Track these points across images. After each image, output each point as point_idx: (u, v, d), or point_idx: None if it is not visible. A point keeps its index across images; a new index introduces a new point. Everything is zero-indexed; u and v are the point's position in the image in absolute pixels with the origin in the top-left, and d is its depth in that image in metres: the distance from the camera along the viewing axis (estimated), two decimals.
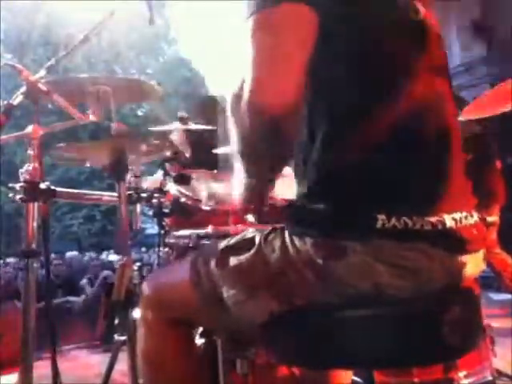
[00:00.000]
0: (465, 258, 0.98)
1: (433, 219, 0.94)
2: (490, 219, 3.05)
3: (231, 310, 1.04)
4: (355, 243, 0.93)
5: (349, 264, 0.93)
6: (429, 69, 1.01)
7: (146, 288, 1.21)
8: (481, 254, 1.04)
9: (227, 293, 1.04)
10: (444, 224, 0.95)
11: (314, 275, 0.96)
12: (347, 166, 0.96)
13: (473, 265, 1.01)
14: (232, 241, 1.10)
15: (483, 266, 1.07)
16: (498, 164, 3.11)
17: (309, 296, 0.99)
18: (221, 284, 1.05)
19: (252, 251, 1.03)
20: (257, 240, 1.05)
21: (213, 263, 1.07)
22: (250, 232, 1.11)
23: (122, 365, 1.68)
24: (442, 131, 1.01)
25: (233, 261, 1.05)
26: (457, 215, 0.97)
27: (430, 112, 0.99)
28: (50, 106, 1.75)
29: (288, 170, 1.14)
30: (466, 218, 0.99)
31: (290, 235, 1.00)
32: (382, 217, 0.92)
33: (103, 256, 9.82)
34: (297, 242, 0.98)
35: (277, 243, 1.01)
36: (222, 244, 1.11)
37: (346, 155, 0.96)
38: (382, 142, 0.95)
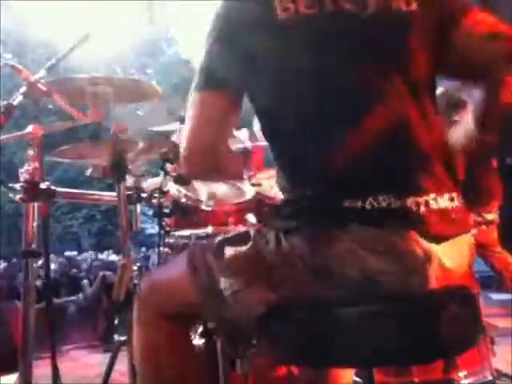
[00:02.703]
0: (442, 242, 0.98)
1: (408, 202, 0.95)
2: (489, 217, 3.05)
3: (228, 301, 1.05)
4: (338, 231, 0.95)
5: (335, 252, 0.95)
6: (402, 83, 1.01)
7: (142, 285, 1.22)
8: (465, 237, 1.04)
9: (224, 283, 1.05)
10: (419, 208, 0.96)
11: (304, 266, 0.98)
12: (320, 161, 1.00)
13: (455, 248, 1.01)
14: (228, 235, 1.14)
15: (470, 252, 1.06)
16: (494, 163, 3.13)
17: (302, 286, 1.00)
18: (218, 275, 1.06)
19: (248, 243, 1.06)
20: (252, 233, 1.07)
21: (210, 255, 1.09)
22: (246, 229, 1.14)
23: (122, 365, 1.69)
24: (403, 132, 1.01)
25: (229, 252, 1.07)
26: (430, 198, 0.98)
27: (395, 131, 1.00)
28: (50, 106, 1.75)
29: None
30: (435, 200, 0.98)
31: (280, 229, 1.02)
32: (359, 203, 0.94)
33: (103, 256, 9.80)
34: (287, 235, 1.00)
35: (271, 236, 1.03)
36: (219, 238, 1.13)
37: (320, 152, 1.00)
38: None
